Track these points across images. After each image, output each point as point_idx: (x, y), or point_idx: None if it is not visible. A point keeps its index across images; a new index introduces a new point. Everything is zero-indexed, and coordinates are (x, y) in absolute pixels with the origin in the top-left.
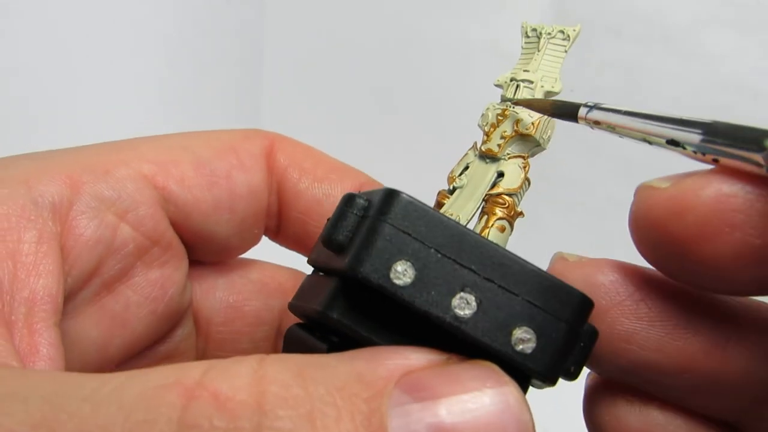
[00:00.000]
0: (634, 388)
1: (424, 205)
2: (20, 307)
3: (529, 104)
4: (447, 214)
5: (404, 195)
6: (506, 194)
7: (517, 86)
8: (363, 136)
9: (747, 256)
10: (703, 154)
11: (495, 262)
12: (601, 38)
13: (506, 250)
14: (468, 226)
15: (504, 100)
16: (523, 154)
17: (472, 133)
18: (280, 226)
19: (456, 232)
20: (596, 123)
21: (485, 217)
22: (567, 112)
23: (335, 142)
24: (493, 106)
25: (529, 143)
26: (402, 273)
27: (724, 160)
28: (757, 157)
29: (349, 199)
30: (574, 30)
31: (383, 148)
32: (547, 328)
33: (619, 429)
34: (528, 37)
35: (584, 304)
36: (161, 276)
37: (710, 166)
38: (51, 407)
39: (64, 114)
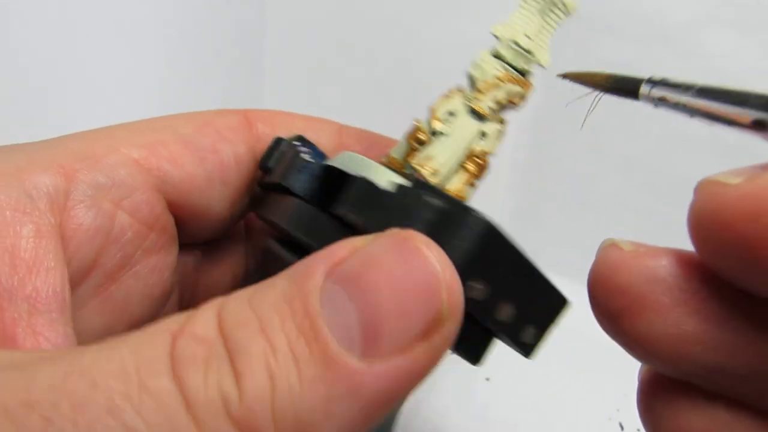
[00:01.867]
0: (696, 386)
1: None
2: (22, 305)
3: (580, 78)
4: (427, 157)
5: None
6: (486, 155)
7: (520, 54)
8: None
9: None
10: None
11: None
12: (601, 37)
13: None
14: (444, 173)
15: (497, 56)
16: (503, 118)
17: None
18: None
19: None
20: (661, 100)
21: (463, 172)
22: (627, 87)
23: None
24: (492, 61)
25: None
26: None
27: None
28: None
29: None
30: (573, 5)
31: None
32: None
33: (681, 429)
34: None
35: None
36: (159, 261)
37: None
38: (75, 362)
39: (63, 114)
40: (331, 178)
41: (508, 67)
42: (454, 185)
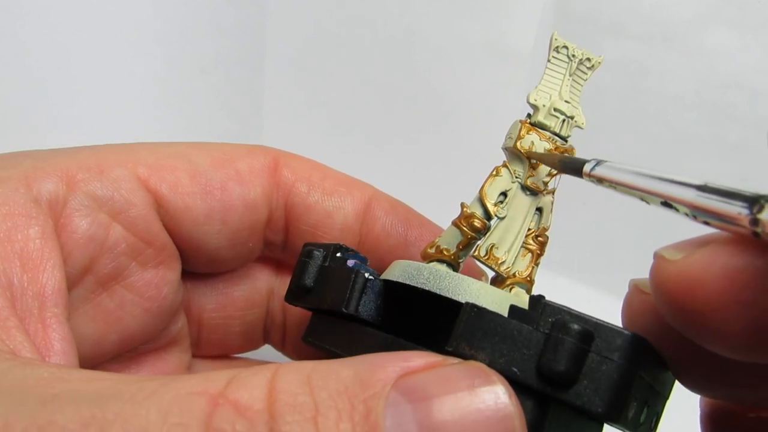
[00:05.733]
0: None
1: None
2: (33, 303)
3: (541, 158)
4: (492, 246)
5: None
6: (546, 231)
7: (564, 121)
8: (363, 136)
9: (764, 331)
10: (695, 218)
11: None
12: (602, 36)
13: None
14: (510, 259)
15: (539, 126)
16: (553, 189)
17: (471, 132)
18: (287, 240)
19: None
20: (599, 180)
21: (526, 253)
22: (573, 167)
23: (336, 142)
24: (536, 134)
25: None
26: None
27: (714, 223)
28: (744, 221)
29: (308, 252)
30: (599, 60)
31: (384, 147)
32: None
33: None
34: (557, 52)
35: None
36: (156, 276)
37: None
38: (99, 408)
39: (62, 114)
40: (392, 292)
41: (553, 137)
42: (522, 269)
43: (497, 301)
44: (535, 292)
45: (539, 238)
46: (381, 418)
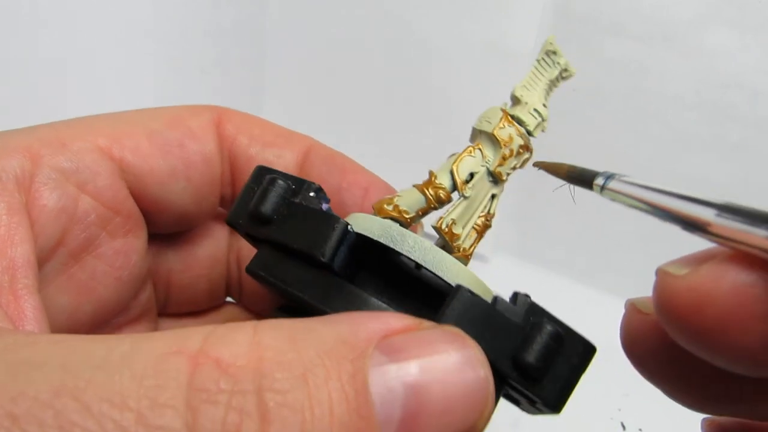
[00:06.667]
0: None
1: None
2: (3, 276)
3: (547, 167)
4: (452, 222)
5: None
6: (493, 217)
7: (539, 124)
8: (364, 136)
9: None
10: (715, 236)
11: None
12: (602, 36)
13: None
14: (464, 236)
15: (516, 120)
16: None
17: (469, 130)
18: (233, 194)
19: None
20: (611, 193)
21: (473, 233)
22: (583, 179)
23: (336, 141)
24: (514, 127)
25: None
26: None
27: (735, 245)
28: (765, 243)
29: (265, 176)
30: (573, 73)
31: (384, 147)
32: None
33: None
34: (547, 56)
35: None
36: (125, 244)
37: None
38: (69, 375)
39: (62, 114)
40: (365, 247)
41: (525, 135)
42: (467, 246)
43: (472, 283)
44: (535, 292)
45: (487, 222)
46: (368, 377)
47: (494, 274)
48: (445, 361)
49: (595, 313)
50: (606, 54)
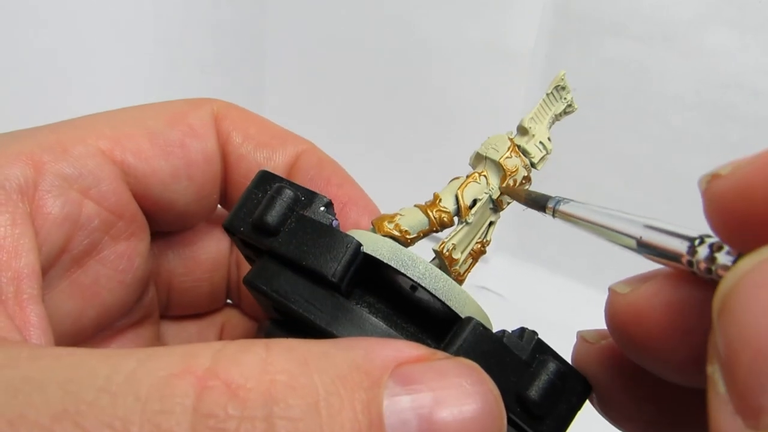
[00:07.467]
0: None
1: None
2: (9, 287)
3: (509, 192)
4: (453, 246)
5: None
6: (488, 244)
7: (543, 157)
8: (364, 135)
9: (702, 356)
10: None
11: None
12: (602, 36)
13: None
14: (461, 261)
15: (522, 151)
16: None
17: (471, 131)
18: (226, 191)
19: None
20: (561, 215)
21: (470, 259)
22: (538, 203)
23: (336, 141)
24: (519, 159)
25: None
26: None
27: (657, 259)
28: (683, 263)
29: (270, 183)
30: (575, 109)
31: (384, 146)
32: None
33: None
34: (557, 91)
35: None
36: (128, 248)
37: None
38: (70, 397)
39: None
40: (371, 268)
41: (529, 166)
42: (462, 272)
43: (477, 313)
44: (536, 291)
45: (482, 249)
46: (382, 407)
47: (494, 274)
48: (459, 395)
49: (595, 313)
50: (606, 54)
